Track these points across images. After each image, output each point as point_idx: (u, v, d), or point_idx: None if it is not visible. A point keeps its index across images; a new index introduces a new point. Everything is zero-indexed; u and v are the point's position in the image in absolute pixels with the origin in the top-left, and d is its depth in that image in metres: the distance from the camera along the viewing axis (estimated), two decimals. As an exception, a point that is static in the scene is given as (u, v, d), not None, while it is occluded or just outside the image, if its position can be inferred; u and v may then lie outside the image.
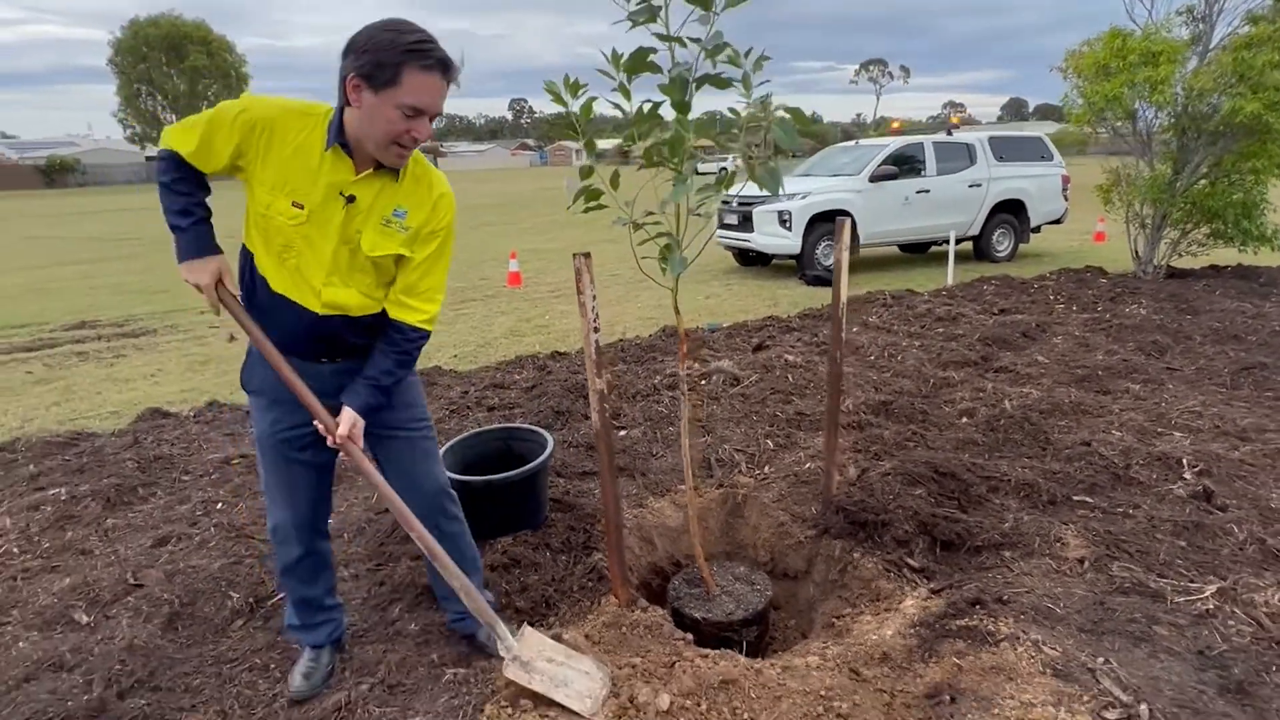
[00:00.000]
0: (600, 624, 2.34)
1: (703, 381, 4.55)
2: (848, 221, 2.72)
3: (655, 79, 2.12)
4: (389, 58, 1.57)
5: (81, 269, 12.17)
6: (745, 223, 9.65)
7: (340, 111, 1.69)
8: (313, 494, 2.05)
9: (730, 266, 10.71)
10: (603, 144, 2.39)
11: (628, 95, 2.21)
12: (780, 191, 2.03)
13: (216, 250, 1.81)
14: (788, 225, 9.15)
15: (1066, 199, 10.99)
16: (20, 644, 2.24)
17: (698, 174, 2.15)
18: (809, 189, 9.49)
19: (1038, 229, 11.07)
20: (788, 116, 2.02)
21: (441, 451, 2.64)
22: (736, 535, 3.11)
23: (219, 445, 3.85)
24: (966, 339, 5.52)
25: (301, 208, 1.72)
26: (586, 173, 2.27)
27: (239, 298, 1.84)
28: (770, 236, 9.35)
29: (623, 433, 3.91)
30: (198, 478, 3.49)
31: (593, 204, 2.24)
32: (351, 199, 1.74)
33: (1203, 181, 7.64)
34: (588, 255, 2.12)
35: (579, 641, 2.16)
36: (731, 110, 2.29)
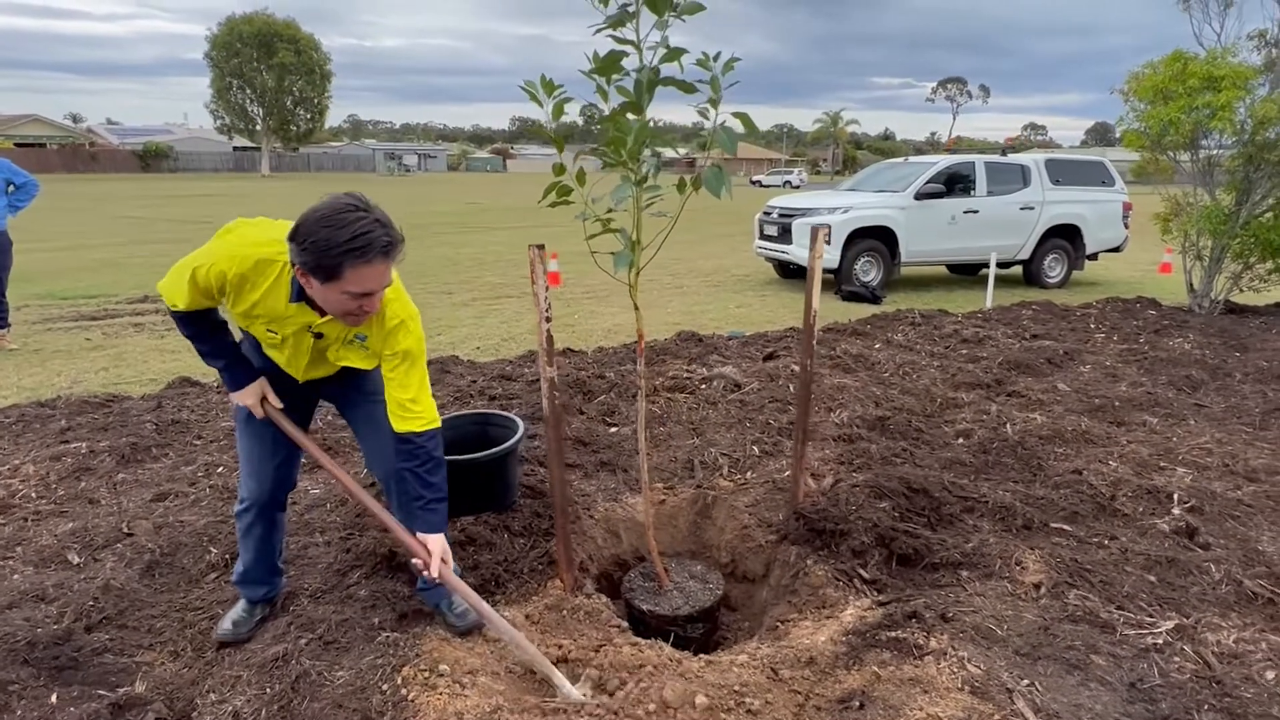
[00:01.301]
0: (543, 606, 2.42)
1: (704, 386, 4.58)
2: (822, 230, 2.75)
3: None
4: (328, 259, 1.63)
5: (158, 247, 12.92)
6: (784, 234, 9.61)
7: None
8: (282, 469, 2.24)
9: (770, 278, 10.67)
10: (572, 148, 2.48)
11: (605, 96, 2.30)
12: (724, 194, 2.08)
13: (255, 376, 2.07)
14: (827, 239, 9.06)
15: (1127, 227, 10.57)
16: (14, 576, 2.45)
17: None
18: (851, 204, 9.39)
19: (1094, 257, 10.68)
20: (736, 123, 2.06)
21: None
22: (703, 535, 3.14)
23: (233, 415, 4.07)
24: (987, 362, 5.39)
25: (275, 334, 1.94)
26: (559, 170, 2.36)
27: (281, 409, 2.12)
28: (808, 250, 9.28)
29: (614, 429, 3.98)
30: (208, 443, 3.71)
31: (560, 200, 2.33)
32: (320, 335, 1.96)
33: (1268, 214, 7.27)
34: (541, 247, 2.20)
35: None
36: (700, 113, 2.35)
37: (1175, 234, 7.92)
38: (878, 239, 9.25)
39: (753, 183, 54.37)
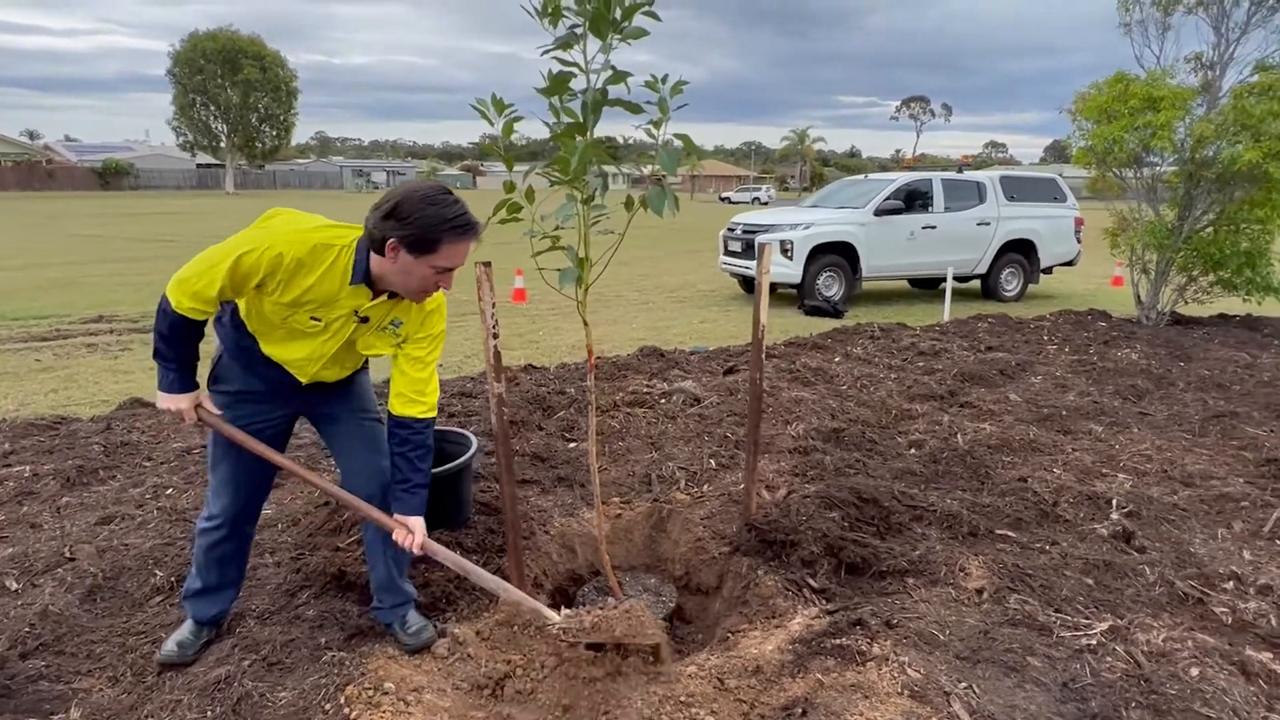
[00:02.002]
0: (493, 622, 2.41)
1: (663, 400, 4.62)
2: (772, 245, 2.81)
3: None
4: (432, 233, 1.78)
5: (114, 266, 12.66)
6: (748, 250, 9.73)
7: (366, 250, 1.86)
8: (257, 489, 2.23)
9: (735, 293, 10.79)
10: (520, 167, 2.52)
11: (557, 115, 2.34)
12: (668, 213, 2.12)
13: (196, 386, 2.01)
14: (790, 255, 9.22)
15: (1079, 241, 10.89)
16: (-52, 604, 2.38)
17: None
18: (813, 220, 9.56)
19: (1049, 270, 10.98)
20: (678, 144, 2.11)
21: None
22: (658, 549, 3.16)
23: (186, 435, 4.01)
24: (942, 374, 5.52)
25: (319, 321, 1.94)
26: (509, 188, 2.39)
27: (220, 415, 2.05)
28: (773, 265, 9.41)
29: (573, 445, 4.00)
30: (158, 464, 3.65)
31: (510, 217, 2.36)
32: (365, 319, 1.98)
33: (1208, 229, 7.56)
34: (488, 265, 2.23)
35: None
36: (647, 133, 2.40)
37: (1123, 248, 8.20)
38: (839, 254, 9.42)
39: (722, 199, 54.94)
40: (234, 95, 49.36)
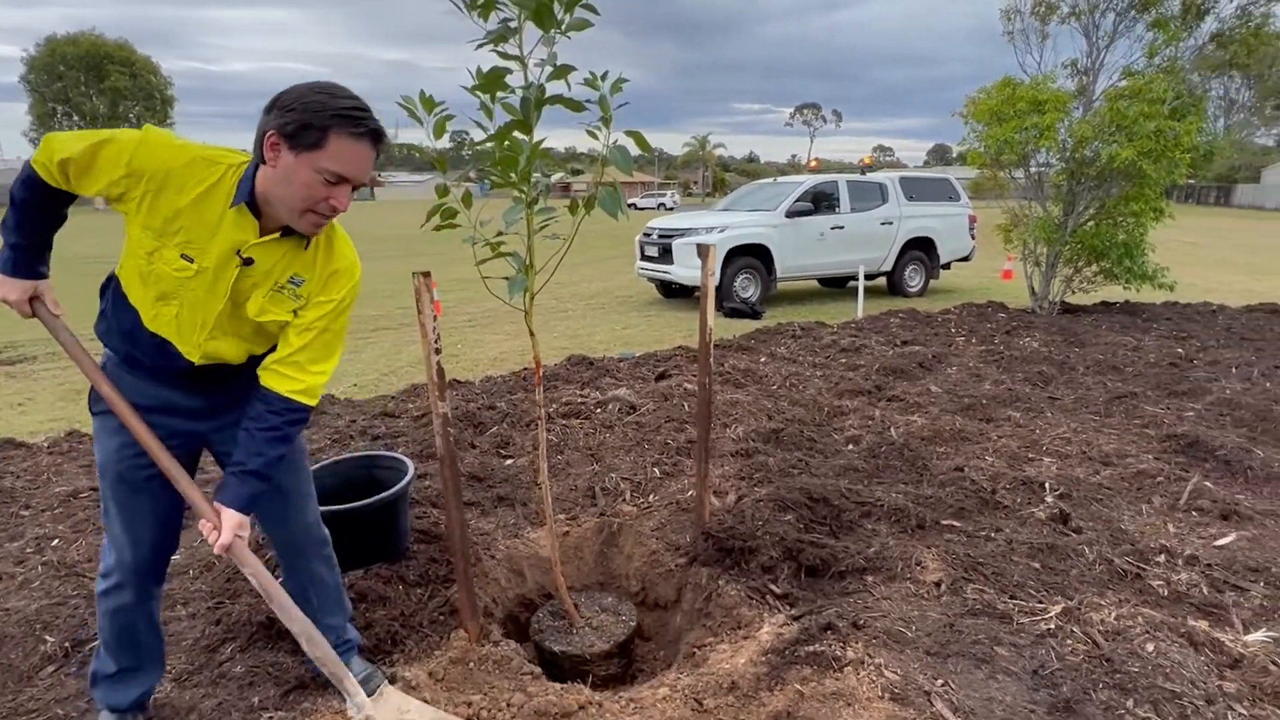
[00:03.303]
0: (447, 660, 2.24)
1: (599, 410, 4.51)
2: (713, 248, 2.75)
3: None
4: (317, 119, 1.47)
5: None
6: (665, 255, 9.74)
7: (254, 168, 1.55)
8: (159, 533, 1.83)
9: (653, 298, 10.78)
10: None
11: (490, 114, 2.19)
12: (620, 215, 2.03)
13: (40, 275, 1.68)
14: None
15: (974, 238, 11.50)
16: None
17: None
18: (728, 223, 9.67)
19: (947, 266, 11.54)
20: (630, 143, 2.02)
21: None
22: (610, 565, 3.04)
23: (71, 478, 3.59)
24: (866, 369, 5.65)
25: (191, 261, 1.58)
26: (442, 192, 2.23)
27: (60, 317, 1.71)
28: (690, 269, 9.46)
29: (509, 462, 3.82)
30: (38, 513, 3.23)
31: (446, 224, 2.20)
32: (249, 261, 1.61)
33: (1090, 223, 8.11)
34: (427, 274, 2.06)
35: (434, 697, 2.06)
36: (590, 133, 2.29)
37: (1015, 243, 8.70)
38: (754, 256, 9.57)
39: (628, 205, 55.16)
40: (100, 104, 45.73)
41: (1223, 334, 7.06)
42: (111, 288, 1.70)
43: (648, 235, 10.23)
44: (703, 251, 2.70)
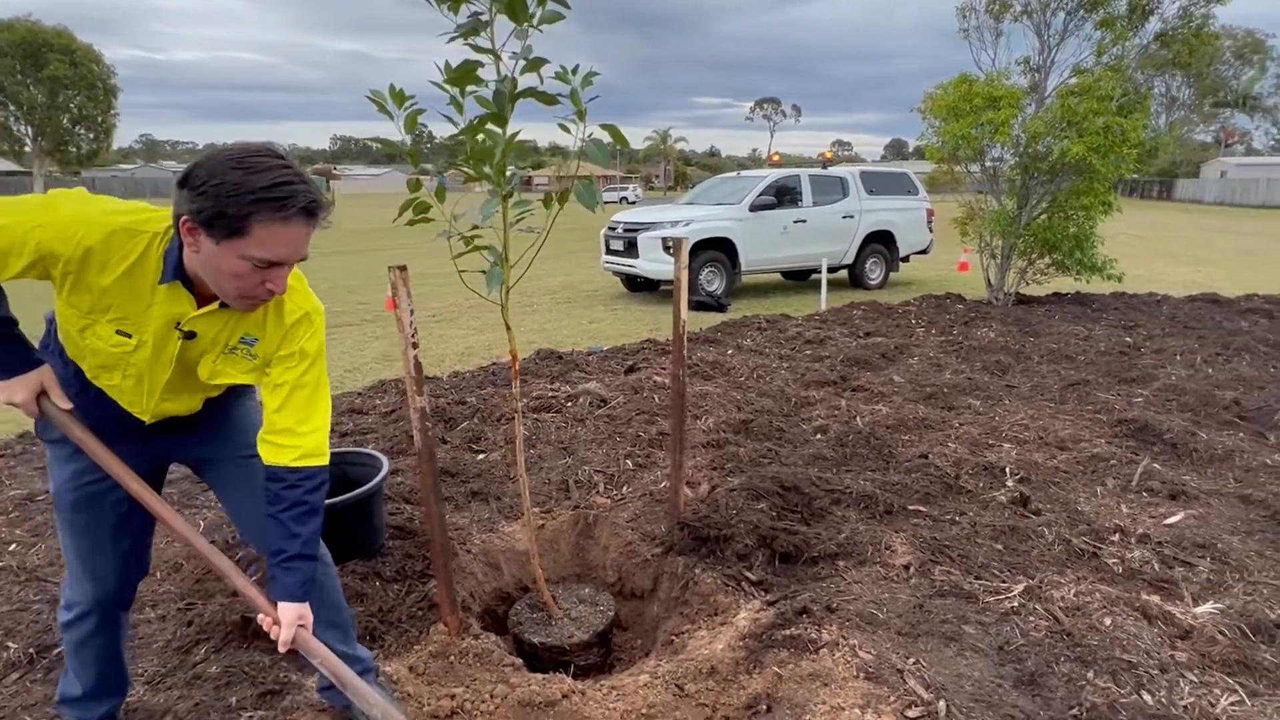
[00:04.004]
0: (427, 655, 2.24)
1: (569, 403, 4.51)
2: (685, 241, 2.78)
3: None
4: (234, 206, 1.27)
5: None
6: (630, 249, 9.76)
7: (179, 243, 1.39)
8: (124, 562, 1.71)
9: (619, 292, 10.80)
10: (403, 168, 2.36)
11: (460, 108, 2.19)
12: (596, 208, 2.04)
13: (34, 364, 1.52)
14: (671, 251, 9.31)
15: (931, 231, 11.75)
16: None
17: (513, 190, 2.13)
18: (692, 217, 9.72)
19: (906, 259, 11.77)
20: (603, 137, 2.03)
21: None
22: (587, 557, 3.06)
23: (25, 480, 3.48)
24: (830, 360, 5.75)
25: (129, 337, 1.46)
26: (414, 186, 2.21)
27: (71, 411, 1.55)
28: (655, 262, 9.50)
29: (482, 456, 3.81)
30: (-8, 517, 3.13)
31: (419, 217, 2.19)
32: (191, 335, 1.48)
33: (1042, 216, 8.36)
34: (403, 268, 2.05)
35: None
36: (562, 126, 2.30)
37: (972, 236, 8.92)
38: (719, 250, 9.64)
39: (591, 199, 54.89)
40: (39, 94, 43.82)
41: (1167, 323, 7.35)
42: (51, 331, 1.57)
43: (613, 229, 10.23)
44: (676, 245, 2.73)
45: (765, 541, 2.75)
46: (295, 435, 1.57)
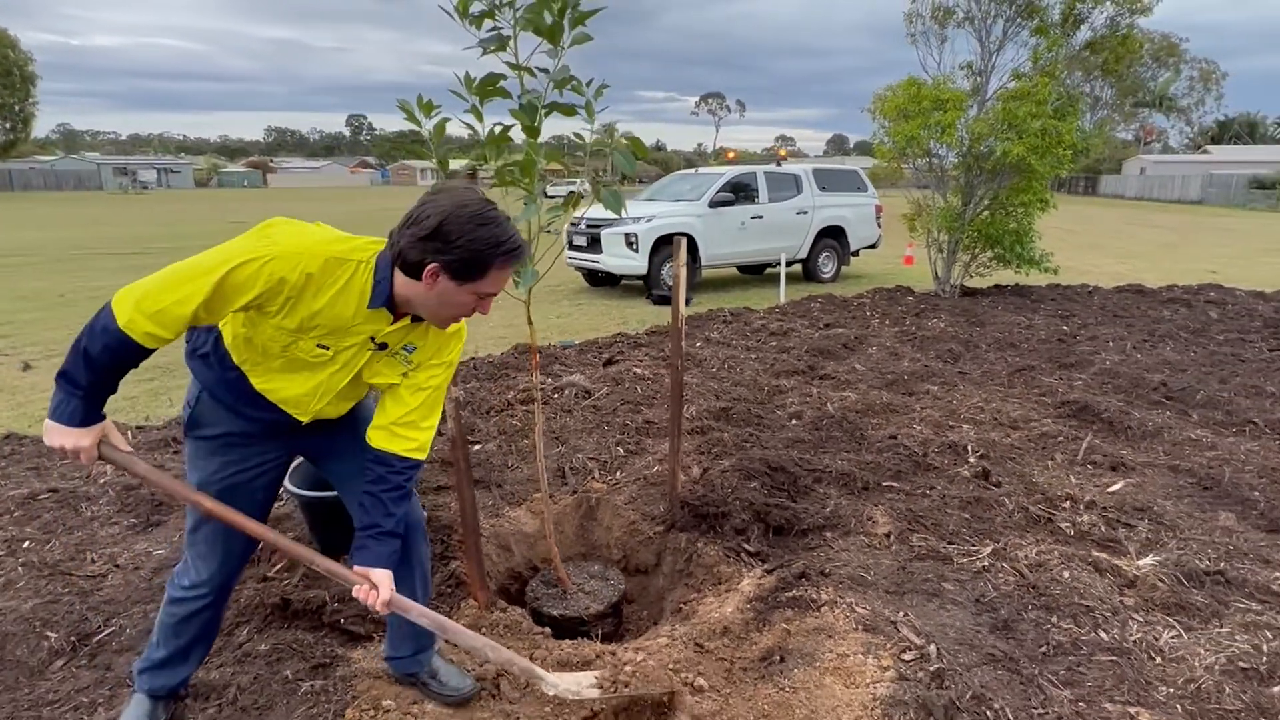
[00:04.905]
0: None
1: (556, 395, 4.69)
2: (684, 240, 2.99)
3: (505, 102, 2.28)
4: (483, 257, 1.54)
5: None
6: (594, 244, 9.93)
7: (389, 268, 1.59)
8: (247, 544, 1.89)
9: (581, 287, 10.95)
10: (454, 164, 2.51)
11: (480, 117, 2.36)
12: (623, 212, 2.24)
13: (102, 417, 1.60)
14: (634, 247, 9.54)
15: (880, 226, 12.25)
16: None
17: (547, 195, 2.32)
18: (653, 213, 9.94)
19: (856, 253, 12.24)
20: (628, 145, 2.23)
21: (291, 468, 2.59)
22: (591, 537, 3.26)
23: (21, 480, 3.47)
24: (796, 351, 6.05)
25: (326, 349, 1.66)
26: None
27: (131, 451, 1.65)
28: (618, 258, 9.69)
29: (477, 447, 3.96)
30: (-4, 516, 3.14)
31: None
32: (383, 346, 1.71)
33: (985, 213, 8.86)
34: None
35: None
36: (576, 135, 2.50)
37: (920, 231, 9.38)
38: (680, 245, 9.88)
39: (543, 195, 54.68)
40: (-52, 80, 41.32)
41: (1099, 312, 7.92)
42: (213, 341, 1.70)
43: (575, 225, 10.37)
44: (675, 244, 2.94)
45: (759, 516, 2.99)
46: (416, 430, 1.77)
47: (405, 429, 1.75)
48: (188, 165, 77.43)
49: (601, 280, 10.84)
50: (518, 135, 2.39)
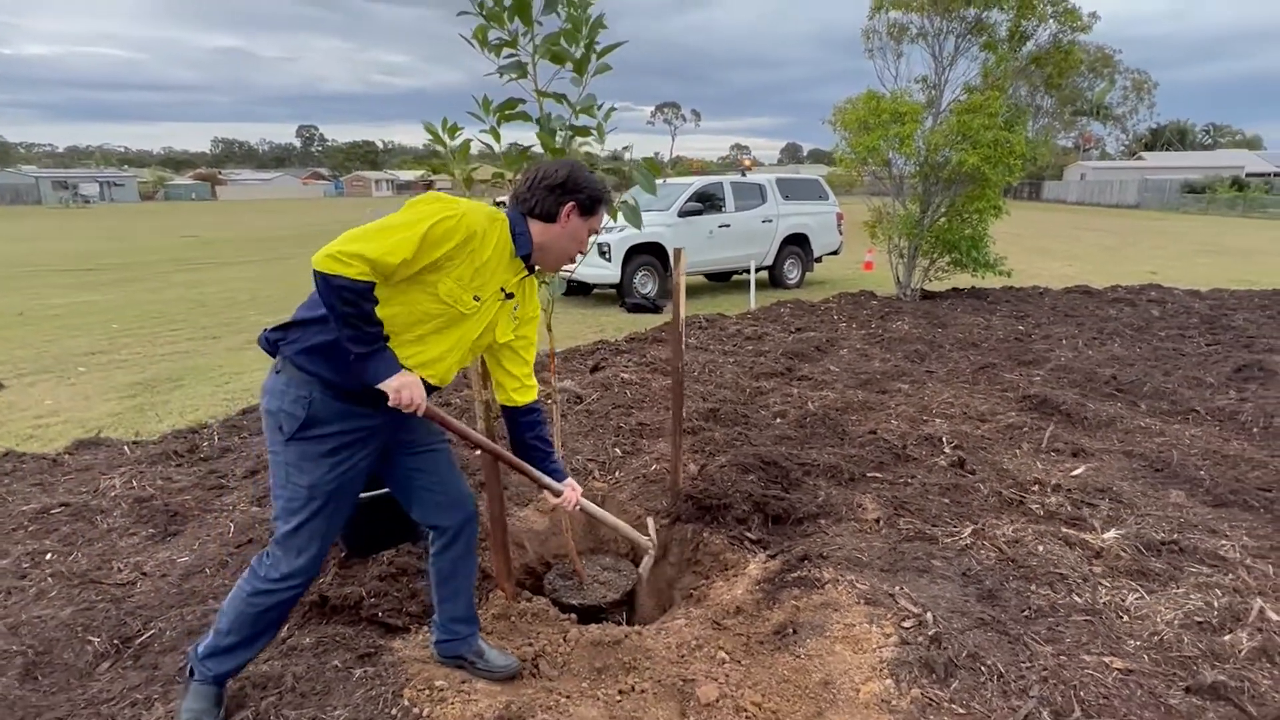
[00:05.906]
0: (490, 616, 2.56)
1: (548, 401, 4.83)
2: (683, 250, 3.20)
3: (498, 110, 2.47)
4: (600, 195, 1.96)
5: None
6: (567, 254, 10.07)
7: (524, 222, 1.92)
8: (336, 534, 2.03)
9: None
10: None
11: (498, 137, 2.55)
12: (640, 225, 2.43)
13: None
14: (608, 257, 9.73)
15: (841, 233, 12.66)
16: None
17: None
18: (624, 223, 10.13)
19: (819, 259, 12.63)
20: (644, 166, 2.43)
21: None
22: (598, 532, 3.42)
23: (29, 496, 3.50)
24: (772, 354, 6.31)
25: (479, 301, 1.87)
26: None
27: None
28: (592, 267, 9.87)
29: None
30: (10, 531, 3.17)
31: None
32: (510, 295, 1.97)
33: (942, 219, 9.28)
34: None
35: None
36: (588, 155, 2.70)
37: (881, 237, 9.77)
38: (651, 254, 10.12)
39: (496, 203, 54.54)
40: (-126, 91, 39.40)
41: (1050, 312, 8.37)
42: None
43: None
44: (675, 254, 3.14)
45: (759, 507, 3.20)
46: (533, 377, 2.17)
47: (530, 379, 2.14)
48: (131, 178, 75.10)
49: (574, 289, 10.98)
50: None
